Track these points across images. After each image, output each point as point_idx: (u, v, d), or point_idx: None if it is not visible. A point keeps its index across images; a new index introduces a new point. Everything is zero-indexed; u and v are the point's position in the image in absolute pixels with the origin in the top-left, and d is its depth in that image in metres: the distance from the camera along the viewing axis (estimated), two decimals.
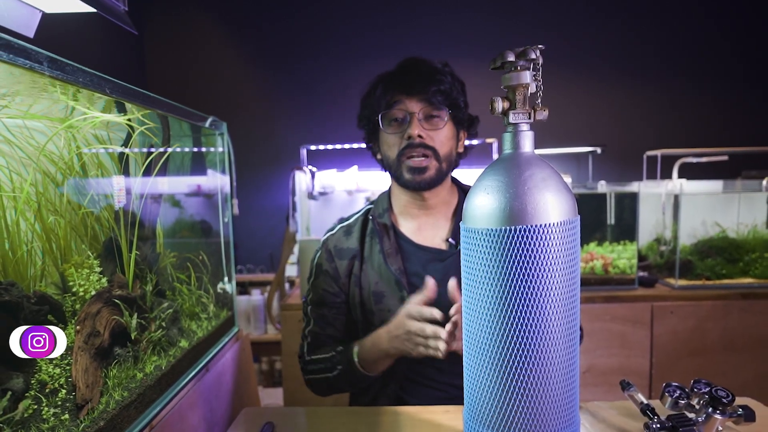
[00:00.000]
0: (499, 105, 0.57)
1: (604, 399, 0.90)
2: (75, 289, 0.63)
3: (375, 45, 3.27)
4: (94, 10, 0.77)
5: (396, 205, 1.05)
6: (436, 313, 0.84)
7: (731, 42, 3.25)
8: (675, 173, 2.30)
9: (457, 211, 1.04)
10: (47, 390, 0.56)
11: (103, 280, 0.68)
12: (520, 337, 0.55)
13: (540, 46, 0.56)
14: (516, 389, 0.56)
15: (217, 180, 1.14)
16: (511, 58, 0.56)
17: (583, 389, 2.02)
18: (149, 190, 0.84)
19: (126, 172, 0.79)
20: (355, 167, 2.57)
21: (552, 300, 0.55)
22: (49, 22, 0.81)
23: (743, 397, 0.83)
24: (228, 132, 1.14)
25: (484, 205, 0.56)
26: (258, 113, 3.40)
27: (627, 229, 2.14)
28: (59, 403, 0.57)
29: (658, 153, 2.46)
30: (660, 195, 2.27)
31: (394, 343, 0.88)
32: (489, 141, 2.59)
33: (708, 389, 0.71)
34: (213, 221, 1.14)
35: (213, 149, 1.14)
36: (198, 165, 1.12)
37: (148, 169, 0.84)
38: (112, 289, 0.69)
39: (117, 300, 0.69)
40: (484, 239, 0.56)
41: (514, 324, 0.55)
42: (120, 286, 0.72)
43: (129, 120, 0.78)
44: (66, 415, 0.57)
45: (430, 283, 0.86)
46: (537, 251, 0.54)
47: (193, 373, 0.86)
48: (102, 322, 0.66)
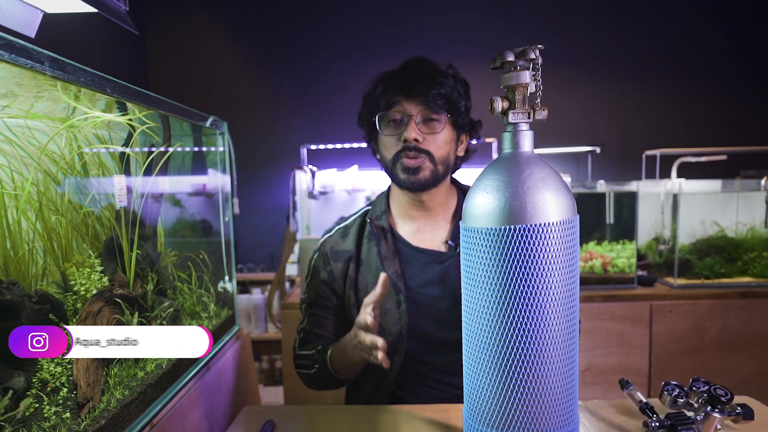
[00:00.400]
0: (499, 105, 0.57)
1: (603, 397, 0.90)
2: (76, 288, 0.64)
3: (375, 45, 3.27)
4: (95, 10, 0.77)
5: (395, 207, 1.05)
6: (369, 321, 0.82)
7: (730, 42, 3.25)
8: (674, 173, 2.31)
9: (457, 213, 1.03)
10: (48, 388, 0.57)
11: (104, 279, 0.68)
12: (519, 336, 0.55)
13: (539, 45, 0.56)
14: (516, 388, 0.56)
15: (218, 179, 1.14)
16: (511, 57, 0.56)
17: (583, 388, 2.03)
18: (150, 189, 0.84)
19: (127, 171, 0.79)
20: (356, 167, 2.57)
21: (551, 299, 0.55)
22: (51, 22, 0.81)
23: (742, 396, 0.83)
24: (229, 131, 1.15)
25: (483, 205, 0.56)
26: (258, 113, 3.40)
27: (626, 229, 2.14)
28: (60, 402, 0.57)
29: (657, 152, 2.46)
30: (659, 194, 2.28)
31: (355, 351, 0.88)
32: (489, 140, 2.59)
33: (707, 388, 0.71)
34: (214, 220, 1.14)
35: (214, 149, 1.15)
36: (199, 164, 1.12)
37: (149, 169, 0.84)
38: (113, 288, 0.69)
39: (118, 299, 0.69)
40: (483, 238, 0.56)
41: (513, 323, 0.55)
42: (121, 285, 0.72)
43: (130, 120, 0.78)
44: (67, 414, 0.57)
45: (381, 279, 0.83)
46: (536, 250, 0.54)
47: (194, 372, 0.87)
48: (103, 321, 0.66)
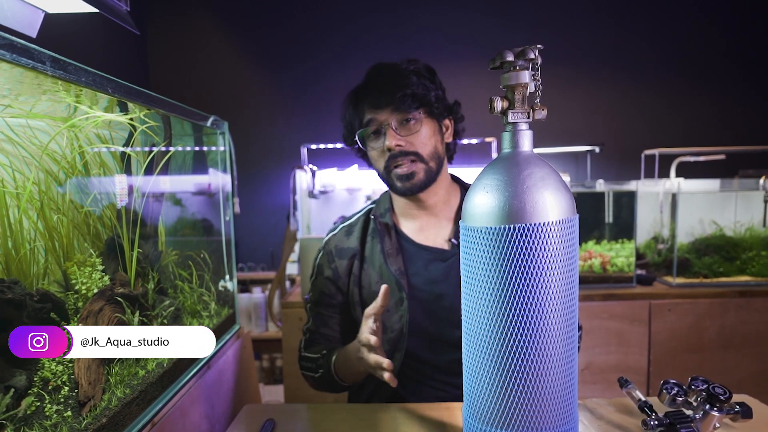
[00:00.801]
0: (498, 104, 0.58)
1: (602, 396, 0.91)
2: (77, 287, 0.64)
3: (375, 45, 3.27)
4: (96, 10, 0.77)
5: (397, 207, 1.05)
6: (372, 341, 0.82)
7: (729, 42, 3.25)
8: (673, 172, 2.31)
9: (460, 211, 1.03)
10: (50, 387, 0.57)
11: (106, 278, 0.69)
12: (519, 335, 0.55)
13: (539, 45, 0.56)
14: (515, 386, 0.56)
15: (219, 178, 1.15)
16: (510, 57, 0.57)
17: (582, 386, 2.03)
18: (151, 188, 0.85)
19: (128, 171, 0.79)
20: (355, 166, 2.58)
21: (551, 298, 0.55)
22: (52, 22, 0.81)
23: (740, 394, 0.84)
24: (229, 131, 1.15)
25: (483, 204, 0.57)
26: (259, 112, 3.40)
27: (625, 228, 2.15)
28: (62, 400, 0.58)
29: (655, 152, 2.47)
30: (658, 194, 2.28)
31: (360, 362, 0.87)
32: (488, 140, 2.59)
33: (705, 386, 0.72)
34: (214, 220, 1.14)
35: (214, 148, 1.15)
36: (199, 164, 1.13)
37: (150, 168, 0.84)
38: (114, 287, 0.70)
39: (119, 298, 0.70)
40: (483, 238, 0.56)
41: (513, 321, 0.55)
42: (122, 284, 0.72)
43: (131, 119, 0.78)
44: (68, 412, 0.58)
45: (382, 291, 0.83)
46: (536, 249, 0.54)
47: (195, 371, 0.87)
48: (104, 320, 0.66)
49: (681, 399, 0.73)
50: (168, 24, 3.40)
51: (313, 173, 2.47)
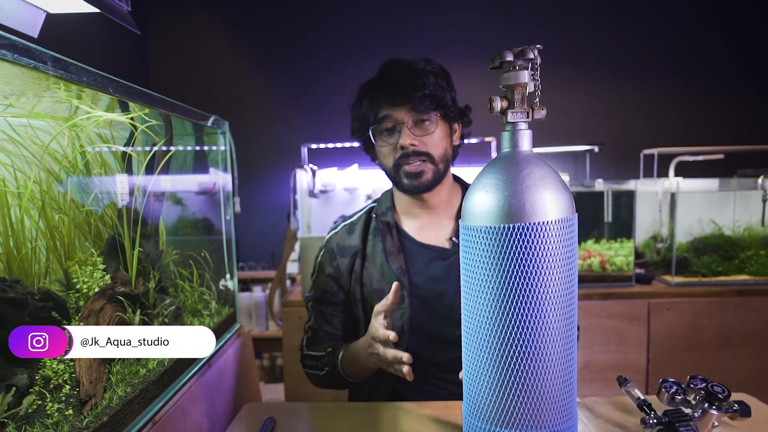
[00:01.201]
0: (498, 104, 0.58)
1: (601, 395, 0.91)
2: (79, 286, 0.64)
3: (375, 44, 3.27)
4: (97, 10, 0.77)
5: (398, 205, 1.06)
6: (391, 337, 0.81)
7: (727, 41, 3.26)
8: (671, 171, 2.32)
9: (461, 210, 1.04)
10: (51, 386, 0.57)
11: (107, 277, 0.69)
12: (518, 334, 0.56)
13: (538, 45, 0.57)
14: (514, 385, 0.57)
15: (219, 178, 1.15)
16: (510, 57, 0.57)
17: (581, 385, 2.03)
18: (152, 188, 0.85)
19: (129, 170, 0.79)
20: (356, 165, 2.58)
21: (550, 296, 0.55)
22: (54, 22, 0.81)
23: (739, 393, 0.84)
24: (230, 131, 1.15)
25: (482, 203, 0.57)
26: (259, 112, 3.41)
27: (624, 227, 2.15)
28: (63, 399, 0.58)
29: (654, 151, 2.47)
30: (656, 193, 2.29)
31: (370, 359, 0.88)
32: (488, 139, 2.59)
33: (704, 385, 0.72)
34: (215, 219, 1.14)
35: (215, 148, 1.15)
36: (200, 163, 1.13)
37: (151, 168, 0.85)
38: (115, 286, 0.70)
39: (120, 297, 0.70)
40: (482, 237, 0.56)
41: (512, 320, 0.56)
42: (123, 283, 0.72)
43: (132, 119, 0.79)
44: (70, 411, 0.58)
45: (393, 288, 0.83)
46: (535, 248, 0.54)
47: (196, 369, 0.87)
48: (105, 318, 0.66)
49: (680, 397, 0.73)
50: (168, 24, 3.40)
51: (314, 173, 2.47)
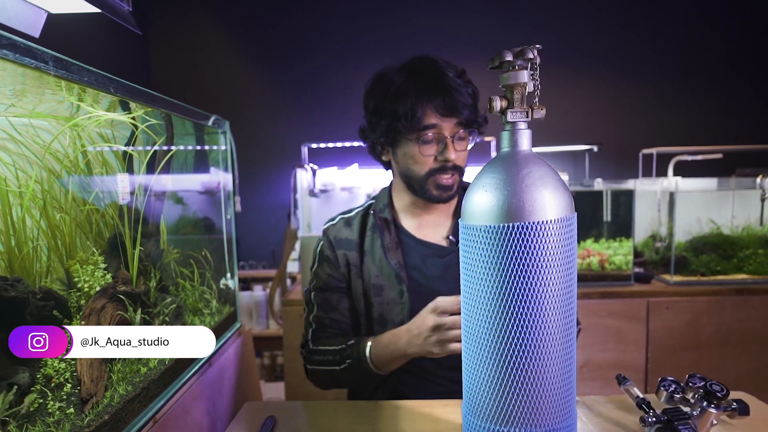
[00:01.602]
0: (498, 104, 0.58)
1: (600, 393, 0.91)
2: (80, 285, 0.64)
3: (375, 44, 3.27)
4: (98, 10, 0.78)
5: (398, 203, 1.06)
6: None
7: (726, 41, 3.26)
8: (670, 171, 2.32)
9: (458, 209, 1.05)
10: (52, 384, 0.57)
11: (108, 276, 0.69)
12: (518, 333, 0.56)
13: (537, 45, 0.57)
14: (514, 383, 0.57)
15: (220, 177, 1.15)
16: (509, 57, 0.57)
17: (580, 384, 2.03)
18: (153, 187, 0.85)
19: (130, 169, 0.80)
20: (356, 165, 2.58)
21: (549, 295, 0.56)
22: (55, 22, 0.81)
23: (737, 391, 0.84)
24: (230, 130, 1.15)
25: (482, 203, 0.57)
26: (260, 112, 3.41)
27: (623, 226, 2.15)
28: (64, 397, 0.58)
29: (653, 151, 2.47)
30: (655, 192, 2.29)
31: (414, 341, 0.86)
32: (487, 139, 2.60)
33: (703, 383, 0.72)
34: (216, 218, 1.15)
35: (216, 147, 1.15)
36: (201, 163, 1.13)
37: (151, 167, 0.85)
38: (116, 285, 0.70)
39: (121, 296, 0.70)
40: (482, 236, 0.57)
41: (512, 319, 0.56)
42: (124, 282, 0.72)
43: (133, 118, 0.79)
44: (71, 409, 0.58)
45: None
46: (534, 248, 0.55)
47: (197, 368, 0.87)
48: (106, 317, 0.67)
49: (678, 396, 0.73)
50: (169, 24, 3.40)
51: (314, 172, 2.47)
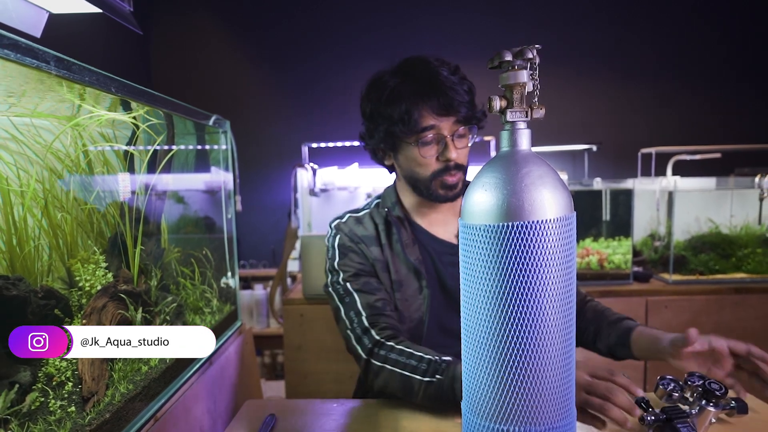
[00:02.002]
0: (497, 103, 0.58)
1: None
2: (81, 284, 0.64)
3: (375, 44, 3.27)
4: (99, 10, 0.78)
5: (407, 203, 1.06)
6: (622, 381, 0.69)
7: (725, 41, 3.27)
8: (669, 170, 2.32)
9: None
10: (54, 383, 0.57)
11: (109, 275, 0.69)
12: (517, 331, 0.56)
13: (537, 45, 0.57)
14: (513, 382, 0.57)
15: (221, 177, 1.15)
16: (509, 57, 0.57)
17: None
18: (154, 186, 0.85)
19: (131, 169, 0.80)
20: (356, 164, 2.59)
21: (548, 294, 0.56)
22: (56, 22, 0.81)
23: None
24: (231, 130, 1.16)
25: (481, 202, 0.57)
26: (260, 111, 3.41)
27: (622, 226, 2.16)
28: (66, 396, 0.58)
29: (652, 150, 2.48)
30: (654, 192, 2.29)
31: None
32: (487, 139, 2.60)
33: (701, 382, 0.73)
34: (216, 217, 1.15)
35: (216, 147, 1.15)
36: (202, 162, 1.13)
37: (152, 166, 0.85)
38: (117, 284, 0.70)
39: (122, 294, 0.70)
40: (481, 235, 0.57)
41: (511, 318, 0.56)
42: (125, 281, 0.73)
43: (134, 118, 0.79)
44: (72, 408, 0.58)
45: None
46: (534, 247, 0.55)
47: (197, 366, 0.88)
48: (108, 316, 0.67)
49: (677, 395, 0.74)
50: (170, 24, 3.40)
51: (314, 171, 2.47)
